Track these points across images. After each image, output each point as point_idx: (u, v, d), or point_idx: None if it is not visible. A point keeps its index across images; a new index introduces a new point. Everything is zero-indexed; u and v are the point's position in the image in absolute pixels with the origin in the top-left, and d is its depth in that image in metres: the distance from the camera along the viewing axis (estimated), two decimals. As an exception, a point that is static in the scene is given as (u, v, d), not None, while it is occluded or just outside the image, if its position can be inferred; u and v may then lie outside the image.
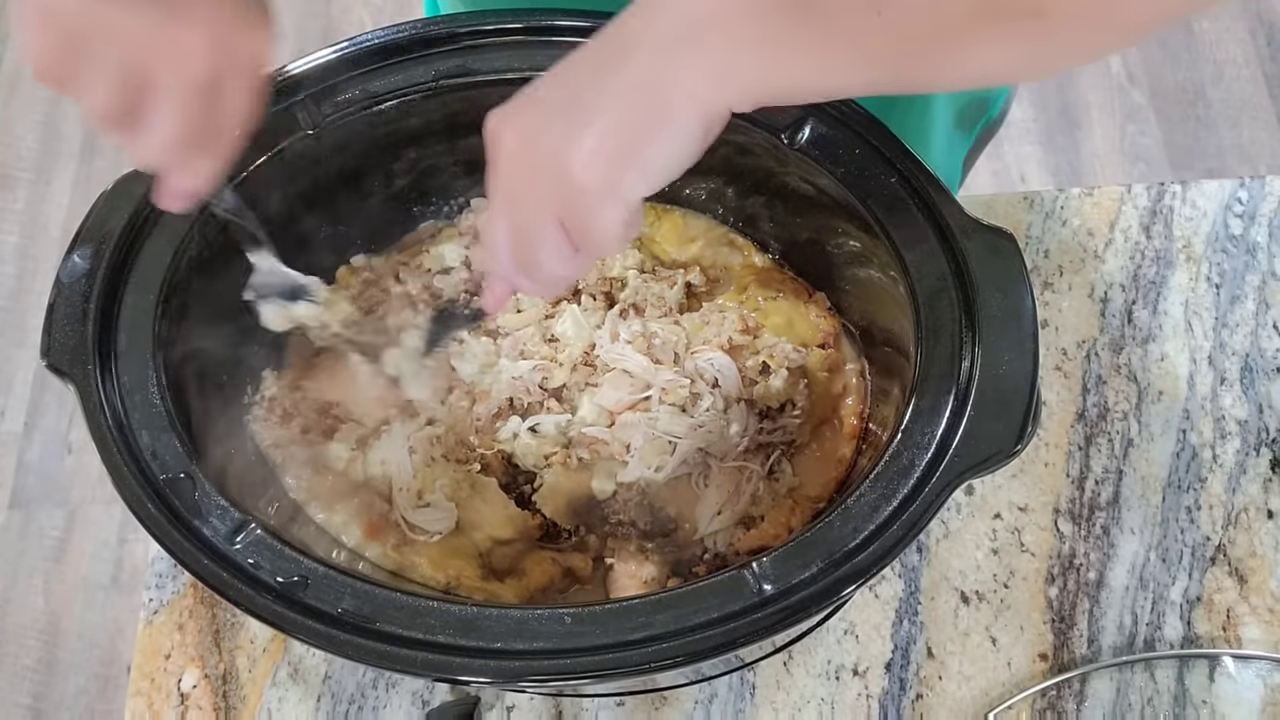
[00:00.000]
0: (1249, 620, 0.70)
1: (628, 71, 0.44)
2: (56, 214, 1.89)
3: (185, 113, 0.50)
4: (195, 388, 0.60)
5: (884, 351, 0.65)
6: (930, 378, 0.55)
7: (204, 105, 0.50)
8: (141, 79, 0.49)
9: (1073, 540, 0.72)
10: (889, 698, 0.69)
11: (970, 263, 0.56)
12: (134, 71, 0.48)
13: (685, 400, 0.64)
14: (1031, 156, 1.89)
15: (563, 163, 0.44)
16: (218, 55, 0.50)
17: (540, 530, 0.64)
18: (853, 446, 0.64)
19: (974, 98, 0.88)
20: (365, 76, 0.63)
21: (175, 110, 0.50)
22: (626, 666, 0.48)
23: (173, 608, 0.71)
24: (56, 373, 0.55)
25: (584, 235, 0.46)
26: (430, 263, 0.71)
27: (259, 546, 0.52)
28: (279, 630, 0.50)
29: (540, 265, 0.48)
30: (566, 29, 0.64)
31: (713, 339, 0.66)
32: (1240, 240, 0.82)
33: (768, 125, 0.62)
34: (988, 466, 0.52)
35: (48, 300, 0.57)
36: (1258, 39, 1.96)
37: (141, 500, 0.52)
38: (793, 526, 0.61)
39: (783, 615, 0.49)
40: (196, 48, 0.49)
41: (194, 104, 0.50)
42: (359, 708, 0.69)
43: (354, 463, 0.64)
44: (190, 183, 0.53)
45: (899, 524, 0.51)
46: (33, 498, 1.69)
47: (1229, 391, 0.77)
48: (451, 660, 0.49)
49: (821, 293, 0.69)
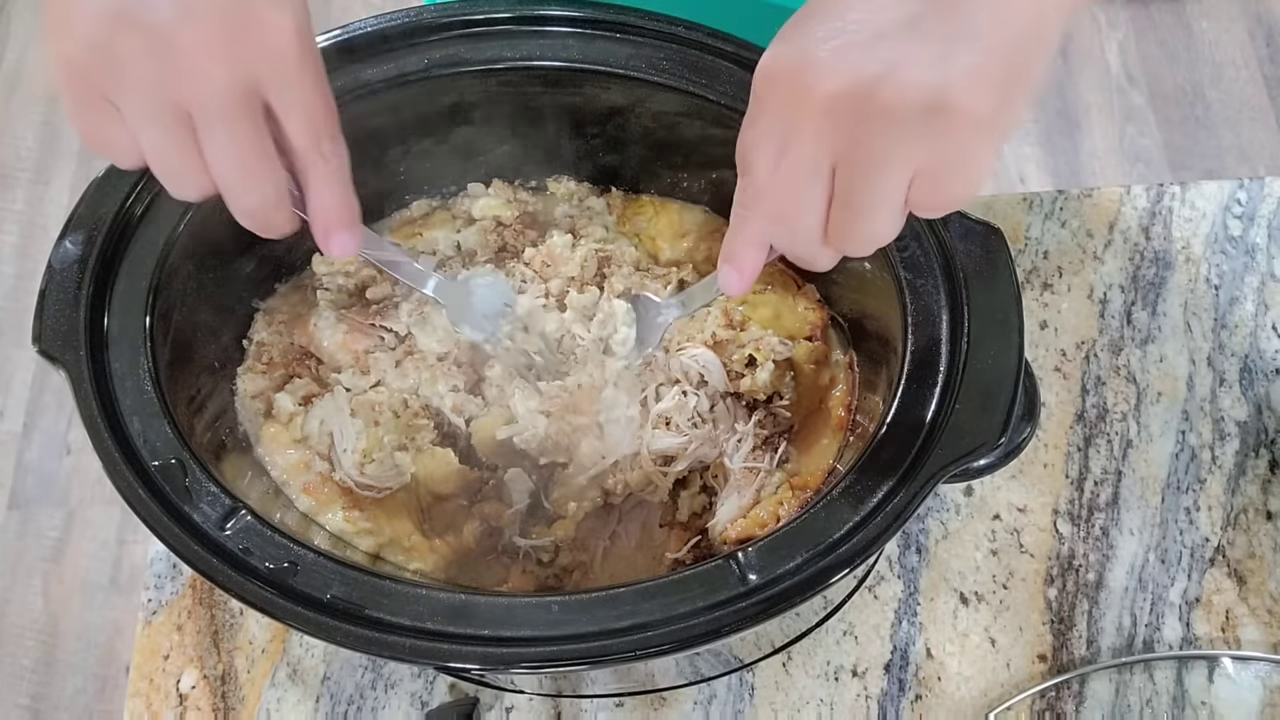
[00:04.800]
0: (1248, 621, 0.70)
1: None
2: (56, 214, 1.89)
3: (248, 135, 0.44)
4: (187, 372, 0.61)
5: (872, 343, 0.65)
6: (917, 370, 0.55)
7: (257, 124, 0.44)
8: (178, 108, 0.43)
9: (1072, 541, 0.72)
10: (888, 698, 0.69)
11: (958, 256, 0.57)
12: (169, 100, 0.43)
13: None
14: (1031, 157, 1.89)
15: (933, 93, 0.38)
16: (241, 52, 0.43)
17: (479, 484, 0.65)
18: (840, 438, 0.64)
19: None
20: (358, 65, 0.63)
21: (232, 134, 0.44)
22: (612, 654, 0.49)
23: (171, 608, 0.71)
24: (48, 358, 0.55)
25: (948, 182, 0.40)
26: (422, 246, 0.71)
27: (249, 533, 0.52)
28: (268, 616, 0.50)
29: (870, 234, 0.42)
30: (556, 18, 0.64)
31: (697, 335, 0.66)
32: (1239, 241, 0.82)
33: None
34: (972, 459, 0.52)
35: (39, 286, 0.57)
36: (1257, 40, 1.96)
37: (133, 486, 0.52)
38: (780, 516, 0.61)
39: (767, 605, 0.49)
40: (213, 55, 0.42)
41: (248, 125, 0.44)
42: (357, 708, 0.69)
43: (295, 418, 0.64)
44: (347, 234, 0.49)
45: (884, 515, 0.51)
46: (32, 498, 1.69)
47: (1228, 393, 0.77)
48: (440, 646, 0.49)
49: (811, 284, 0.70)
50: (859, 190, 0.41)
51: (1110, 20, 2.01)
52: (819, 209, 0.43)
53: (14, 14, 2.11)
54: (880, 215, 0.42)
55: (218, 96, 0.43)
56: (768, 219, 0.46)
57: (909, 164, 0.40)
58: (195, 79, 0.43)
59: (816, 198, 0.43)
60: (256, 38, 0.43)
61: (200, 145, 0.44)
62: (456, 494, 0.65)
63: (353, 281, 0.69)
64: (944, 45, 0.38)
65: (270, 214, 0.47)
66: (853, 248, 0.44)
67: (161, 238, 0.59)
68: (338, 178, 0.48)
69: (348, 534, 0.61)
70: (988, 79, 0.38)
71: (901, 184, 0.41)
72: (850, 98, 0.39)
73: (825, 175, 0.42)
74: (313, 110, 0.46)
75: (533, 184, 0.74)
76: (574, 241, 0.70)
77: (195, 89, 0.43)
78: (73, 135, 1.97)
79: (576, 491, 0.64)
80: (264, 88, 0.44)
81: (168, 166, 0.45)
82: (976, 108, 0.38)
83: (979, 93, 0.38)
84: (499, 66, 0.64)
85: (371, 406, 0.64)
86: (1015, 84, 0.39)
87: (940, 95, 0.38)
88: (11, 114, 2.00)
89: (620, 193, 0.74)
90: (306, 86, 0.45)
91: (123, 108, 0.44)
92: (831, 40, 0.39)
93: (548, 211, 0.73)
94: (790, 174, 0.43)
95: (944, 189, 0.41)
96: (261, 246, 0.67)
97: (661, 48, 0.63)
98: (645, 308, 0.62)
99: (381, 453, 0.63)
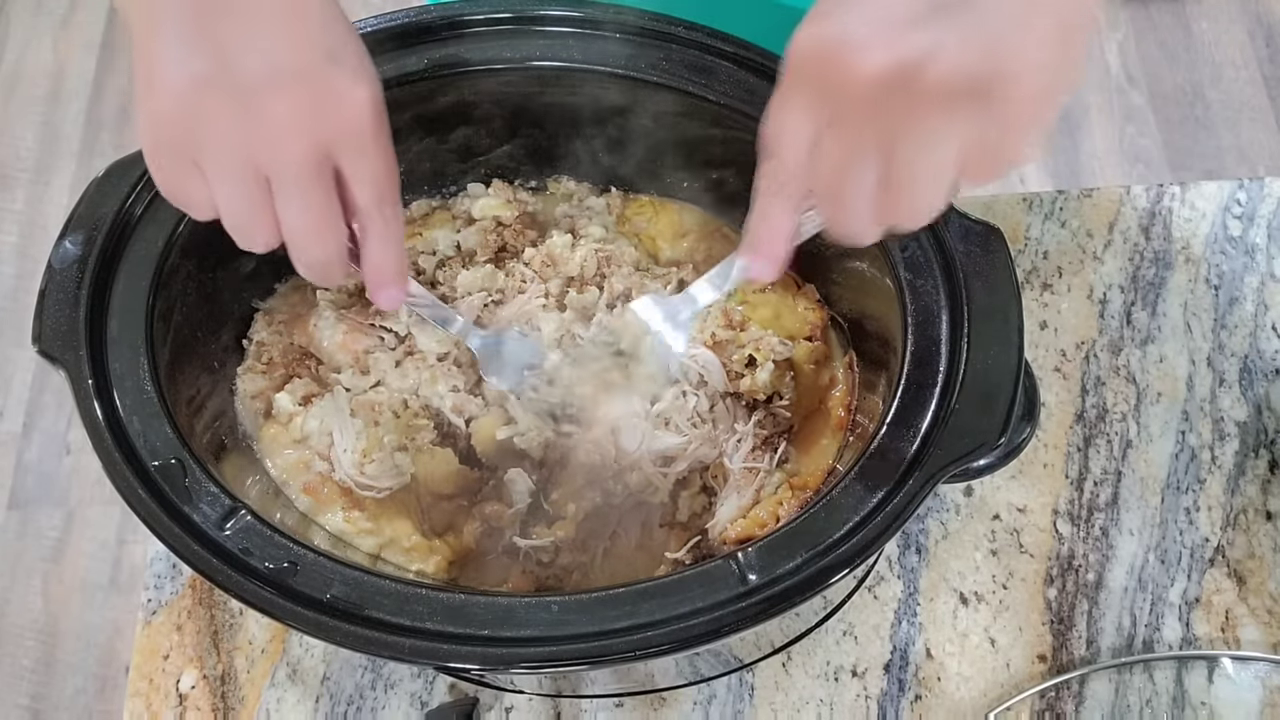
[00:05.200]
0: (1248, 622, 0.70)
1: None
2: (55, 214, 1.89)
3: (314, 196, 0.46)
4: (186, 373, 0.61)
5: (872, 343, 0.65)
6: (916, 370, 0.55)
7: (329, 190, 0.47)
8: (255, 170, 0.45)
9: (1071, 541, 0.73)
10: (888, 699, 0.69)
11: (957, 256, 0.57)
12: (247, 164, 0.45)
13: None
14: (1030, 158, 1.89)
15: (983, 72, 0.38)
16: (318, 121, 0.45)
17: (479, 484, 0.65)
18: (840, 438, 0.64)
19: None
20: None
21: (303, 196, 0.46)
22: (612, 654, 0.49)
23: (171, 608, 0.71)
24: (47, 358, 0.55)
25: (1000, 152, 0.41)
26: (421, 245, 0.71)
27: (249, 533, 0.52)
28: (268, 616, 0.50)
29: (926, 207, 0.43)
30: (556, 18, 0.64)
31: (696, 335, 0.66)
32: (1239, 242, 0.82)
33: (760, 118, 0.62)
34: (972, 459, 0.52)
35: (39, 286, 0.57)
36: (1256, 41, 1.96)
37: (132, 486, 0.52)
38: (780, 516, 0.61)
39: (767, 605, 0.49)
40: (287, 125, 0.44)
41: (321, 191, 0.46)
42: (357, 709, 0.69)
43: (295, 418, 0.64)
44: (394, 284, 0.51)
45: (883, 515, 0.51)
46: (31, 498, 1.69)
47: (1228, 393, 0.77)
48: (439, 647, 0.49)
49: (811, 284, 0.70)
50: (914, 166, 0.42)
51: (1110, 20, 2.01)
52: (870, 186, 0.43)
53: (14, 14, 2.11)
54: (935, 189, 0.42)
55: (296, 164, 0.45)
56: (805, 199, 0.46)
57: (961, 139, 0.40)
58: (276, 146, 0.45)
59: (867, 176, 0.43)
60: (336, 110, 0.45)
61: (275, 205, 0.46)
62: (456, 494, 0.65)
63: (352, 282, 0.69)
64: (989, 21, 0.38)
65: (331, 269, 0.49)
66: (908, 222, 0.44)
67: (161, 238, 0.59)
68: (395, 238, 0.50)
69: (348, 534, 0.61)
70: (1036, 51, 0.38)
71: (954, 158, 0.41)
72: (899, 76, 0.39)
73: (875, 153, 0.42)
74: (379, 178, 0.48)
75: (533, 184, 0.74)
76: (574, 242, 0.70)
77: (275, 155, 0.45)
78: (73, 135, 1.98)
79: (576, 492, 0.64)
80: (338, 156, 0.46)
81: (240, 221, 0.47)
82: (1027, 83, 0.39)
83: (1027, 69, 0.38)
84: (499, 66, 0.64)
85: (371, 407, 0.64)
86: (1069, 54, 0.39)
87: (990, 74, 0.38)
88: (11, 114, 2.01)
89: (620, 193, 0.74)
90: (377, 157, 0.47)
91: (204, 166, 0.46)
92: (873, 19, 0.39)
93: (548, 211, 0.73)
94: (838, 153, 0.43)
95: (996, 159, 0.42)
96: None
97: (661, 48, 0.63)
98: (665, 305, 0.61)
99: (381, 453, 0.63)
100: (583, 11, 0.64)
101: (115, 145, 1.96)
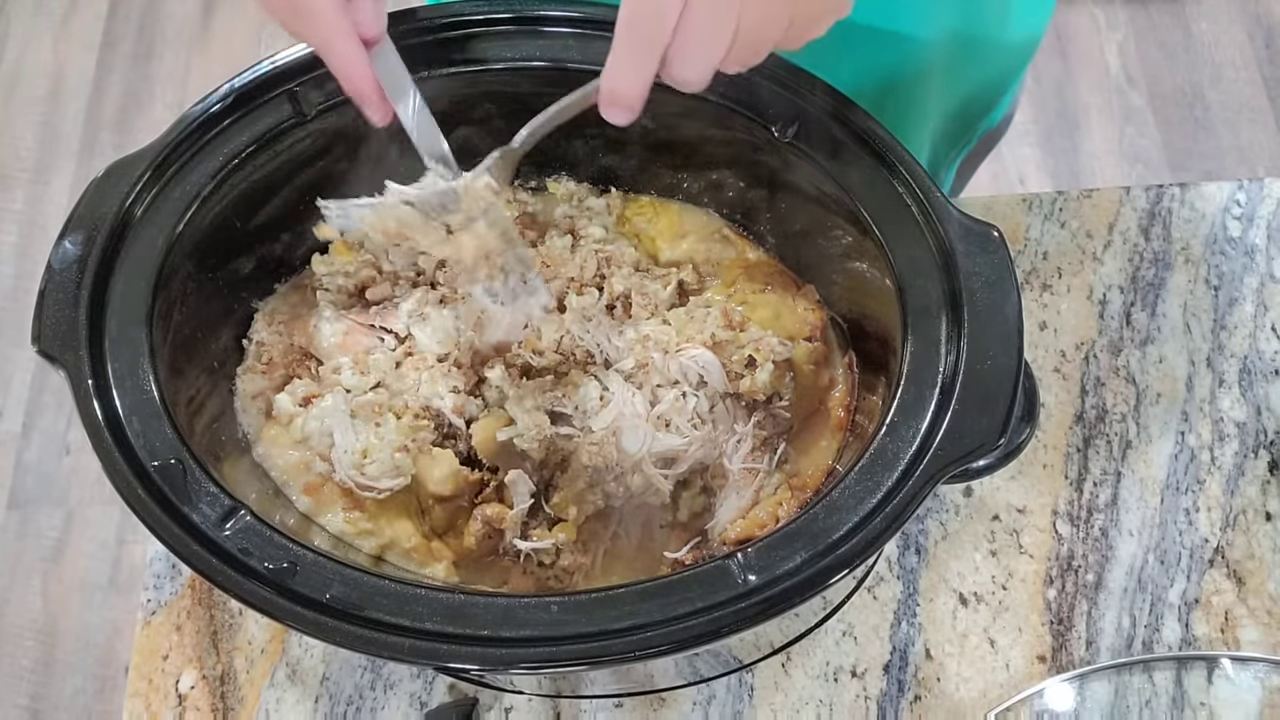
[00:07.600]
0: (1247, 622, 0.70)
1: None
2: (55, 214, 1.89)
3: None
4: (186, 373, 0.61)
5: (872, 344, 0.65)
6: (916, 371, 0.55)
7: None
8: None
9: (1071, 542, 0.73)
10: (887, 699, 0.69)
11: (957, 257, 0.57)
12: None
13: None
14: (1030, 158, 1.89)
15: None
16: None
17: (479, 486, 0.65)
18: (840, 438, 0.64)
19: (967, 102, 0.88)
20: None
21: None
22: (611, 654, 0.49)
23: (171, 609, 0.71)
24: (47, 358, 0.55)
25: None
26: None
27: (248, 533, 0.52)
28: (267, 616, 0.50)
29: (760, 40, 0.49)
30: (555, 19, 0.64)
31: (696, 336, 0.66)
32: (1238, 242, 0.82)
33: (760, 118, 0.62)
34: (971, 459, 0.52)
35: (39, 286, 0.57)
36: (1256, 41, 1.97)
37: (132, 486, 0.52)
38: (779, 517, 0.61)
39: (767, 605, 0.49)
40: None
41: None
42: (356, 709, 0.69)
43: (295, 419, 0.65)
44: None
45: (883, 515, 0.51)
46: (31, 498, 1.69)
47: (1227, 394, 0.77)
48: (439, 647, 0.49)
49: (811, 285, 0.70)
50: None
51: (1110, 21, 2.01)
52: (725, 41, 0.48)
53: (14, 14, 2.11)
54: (770, 28, 0.49)
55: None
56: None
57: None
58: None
59: (724, 29, 0.48)
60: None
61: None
62: (457, 495, 0.65)
63: (353, 282, 0.69)
64: None
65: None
66: (738, 66, 0.50)
67: (161, 238, 0.59)
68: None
69: (348, 535, 0.61)
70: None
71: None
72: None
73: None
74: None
75: (533, 184, 0.74)
76: (574, 243, 0.70)
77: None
78: (73, 135, 1.98)
79: (577, 495, 0.64)
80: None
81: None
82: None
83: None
84: (499, 66, 0.64)
85: (372, 407, 0.64)
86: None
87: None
88: (11, 114, 2.01)
89: (620, 193, 0.74)
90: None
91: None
92: None
93: (547, 211, 0.73)
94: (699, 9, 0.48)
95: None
96: (261, 246, 0.67)
97: (661, 48, 0.63)
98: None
99: (381, 454, 0.63)
100: (583, 11, 0.64)
101: (115, 145, 1.96)
